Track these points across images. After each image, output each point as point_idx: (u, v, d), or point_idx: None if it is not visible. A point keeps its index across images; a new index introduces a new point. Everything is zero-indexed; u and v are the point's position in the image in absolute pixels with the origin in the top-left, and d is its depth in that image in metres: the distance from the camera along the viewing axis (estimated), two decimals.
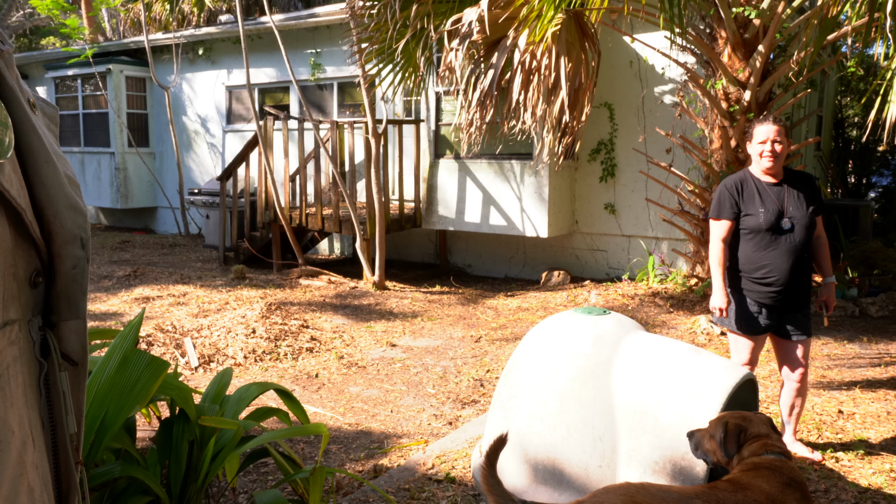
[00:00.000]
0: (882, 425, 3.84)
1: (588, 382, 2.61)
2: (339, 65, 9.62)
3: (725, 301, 3.35)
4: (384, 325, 6.30)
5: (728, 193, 3.33)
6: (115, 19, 17.00)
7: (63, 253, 0.58)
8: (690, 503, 1.87)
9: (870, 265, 7.29)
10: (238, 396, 2.76)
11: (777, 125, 3.27)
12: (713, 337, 5.63)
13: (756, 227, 3.26)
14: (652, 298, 6.84)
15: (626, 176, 7.94)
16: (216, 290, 7.49)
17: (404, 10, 6.18)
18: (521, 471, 2.69)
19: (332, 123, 8.23)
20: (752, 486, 1.98)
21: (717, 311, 3.37)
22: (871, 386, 4.47)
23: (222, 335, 5.45)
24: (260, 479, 3.33)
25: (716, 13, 6.20)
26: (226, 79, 11.17)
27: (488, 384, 4.70)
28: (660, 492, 1.92)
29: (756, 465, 2.09)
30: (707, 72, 6.57)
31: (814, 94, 9.22)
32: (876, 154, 12.36)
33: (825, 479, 3.18)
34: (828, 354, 5.22)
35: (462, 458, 3.45)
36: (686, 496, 1.90)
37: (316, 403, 4.35)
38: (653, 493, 1.89)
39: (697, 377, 2.54)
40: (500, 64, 5.72)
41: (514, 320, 6.46)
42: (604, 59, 7.38)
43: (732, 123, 6.13)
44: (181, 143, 11.75)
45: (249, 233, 8.94)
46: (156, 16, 15.29)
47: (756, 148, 3.31)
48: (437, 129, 8.09)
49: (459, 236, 8.96)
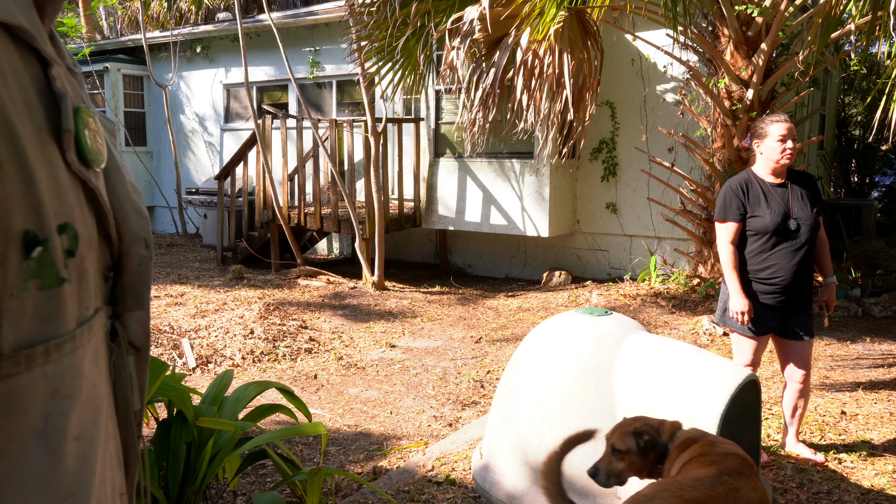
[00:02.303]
0: (885, 426, 3.80)
1: (589, 383, 2.58)
2: (338, 63, 9.58)
3: (747, 305, 3.19)
4: (383, 326, 6.26)
5: (733, 195, 3.28)
6: (112, 17, 16.97)
7: (131, 252, 0.67)
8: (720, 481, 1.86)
9: (873, 265, 7.26)
10: (236, 397, 2.73)
11: (790, 122, 3.23)
12: (715, 338, 5.60)
13: (762, 229, 3.22)
14: (654, 299, 6.81)
15: (627, 175, 7.91)
16: (214, 290, 7.45)
17: (404, 8, 6.15)
18: (521, 473, 2.66)
19: (330, 122, 8.20)
20: (723, 449, 2.01)
21: (738, 315, 3.21)
22: (874, 387, 4.44)
23: (220, 336, 5.42)
24: (258, 480, 3.30)
25: (718, 11, 6.17)
26: (224, 77, 11.14)
27: (489, 385, 4.67)
28: (691, 482, 1.88)
29: (694, 436, 2.08)
30: (709, 70, 6.54)
31: (816, 92, 9.19)
32: (879, 153, 12.34)
33: (828, 481, 3.15)
34: (831, 355, 5.19)
35: (462, 459, 3.42)
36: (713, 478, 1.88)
37: (315, 405, 4.32)
38: (687, 485, 1.86)
39: (699, 378, 2.51)
40: (502, 62, 5.68)
41: (515, 321, 6.42)
42: (606, 58, 7.34)
43: (735, 122, 6.10)
44: (179, 142, 11.71)
45: (247, 232, 8.91)
46: (153, 14, 15.26)
47: (774, 146, 3.20)
48: (436, 128, 8.06)
49: (459, 236, 8.93)
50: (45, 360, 0.51)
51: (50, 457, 0.52)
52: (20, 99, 0.50)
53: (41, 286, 0.50)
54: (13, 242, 0.48)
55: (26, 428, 0.50)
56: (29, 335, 0.50)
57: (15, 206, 0.48)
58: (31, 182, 0.50)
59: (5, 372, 0.48)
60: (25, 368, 0.49)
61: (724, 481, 1.88)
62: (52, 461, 0.52)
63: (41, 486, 0.51)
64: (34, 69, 0.53)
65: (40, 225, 0.50)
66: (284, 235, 8.48)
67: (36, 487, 0.51)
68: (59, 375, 0.53)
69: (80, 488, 0.55)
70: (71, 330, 0.54)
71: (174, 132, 11.58)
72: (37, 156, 0.50)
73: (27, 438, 0.50)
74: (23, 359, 0.49)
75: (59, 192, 0.53)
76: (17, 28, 0.51)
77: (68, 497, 0.54)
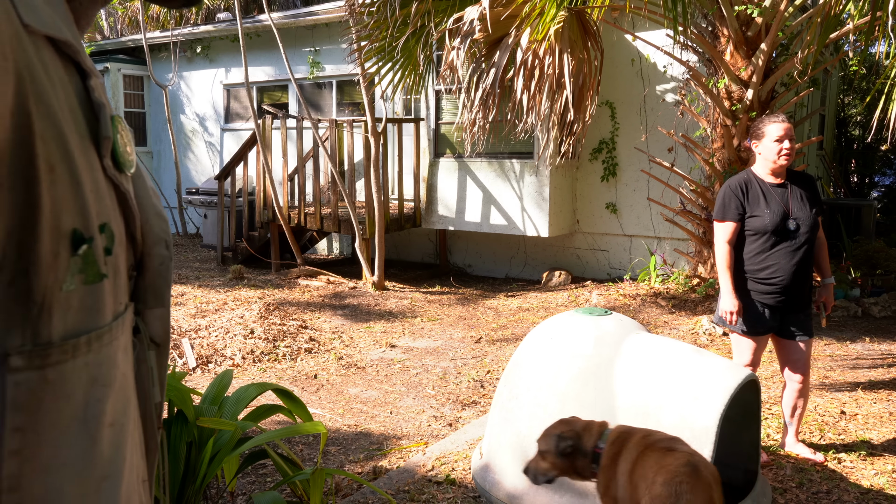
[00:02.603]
0: (884, 426, 3.81)
1: (589, 383, 2.59)
2: (338, 63, 9.58)
3: (737, 305, 3.22)
4: (383, 326, 6.27)
5: (733, 194, 3.29)
6: (112, 17, 16.97)
7: (152, 252, 0.72)
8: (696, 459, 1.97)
9: (872, 265, 7.26)
10: (237, 397, 2.74)
11: (788, 122, 3.24)
12: (715, 338, 5.60)
13: (762, 229, 3.22)
14: (654, 299, 6.81)
15: (627, 175, 7.91)
16: (214, 290, 7.46)
17: (404, 8, 6.15)
18: (521, 472, 2.66)
19: (330, 122, 8.20)
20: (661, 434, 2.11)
21: (728, 315, 3.24)
22: (874, 386, 4.45)
23: (220, 336, 5.42)
24: (259, 480, 3.30)
25: (718, 11, 6.17)
26: (224, 77, 11.14)
27: (488, 385, 4.67)
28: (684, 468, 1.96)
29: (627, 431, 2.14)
30: (709, 70, 6.54)
31: (816, 92, 9.19)
32: (879, 153, 12.34)
33: (827, 481, 3.15)
34: (830, 355, 5.19)
35: (462, 459, 3.42)
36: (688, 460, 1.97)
37: (315, 404, 4.32)
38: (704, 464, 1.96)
39: (699, 378, 2.51)
40: (502, 62, 5.69)
41: (515, 321, 6.43)
42: (606, 58, 7.34)
43: (735, 122, 6.10)
44: (179, 142, 11.71)
45: (248, 232, 8.91)
46: (153, 14, 15.25)
47: (771, 146, 3.21)
48: (436, 128, 8.06)
49: (459, 236, 8.93)
50: (88, 350, 0.55)
51: (88, 441, 0.56)
52: (67, 108, 0.54)
53: (85, 281, 0.55)
54: (63, 240, 0.52)
55: (70, 413, 0.54)
56: (75, 326, 0.54)
57: (65, 206, 0.52)
58: (78, 185, 0.54)
59: (55, 359, 0.52)
60: (72, 357, 0.54)
61: (697, 458, 1.97)
62: (90, 446, 0.56)
63: (81, 468, 0.55)
64: (75, 80, 0.57)
65: (85, 224, 0.54)
66: (284, 235, 8.49)
67: (76, 470, 0.55)
68: (98, 365, 0.57)
69: (113, 472, 0.59)
70: (108, 322, 0.58)
71: (174, 132, 11.58)
72: (81, 160, 0.55)
73: (70, 423, 0.54)
74: (70, 347, 0.53)
75: (98, 195, 0.57)
76: (63, 43, 0.55)
77: (103, 480, 0.58)
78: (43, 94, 0.51)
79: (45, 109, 0.51)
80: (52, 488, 0.53)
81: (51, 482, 0.53)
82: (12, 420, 0.50)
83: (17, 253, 0.50)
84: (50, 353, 0.52)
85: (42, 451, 0.52)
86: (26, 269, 0.50)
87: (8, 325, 0.50)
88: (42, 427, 0.52)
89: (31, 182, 0.50)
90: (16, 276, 0.50)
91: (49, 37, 0.53)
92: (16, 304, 0.50)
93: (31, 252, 0.50)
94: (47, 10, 0.54)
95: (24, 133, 0.49)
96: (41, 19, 0.53)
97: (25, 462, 0.51)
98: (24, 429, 0.51)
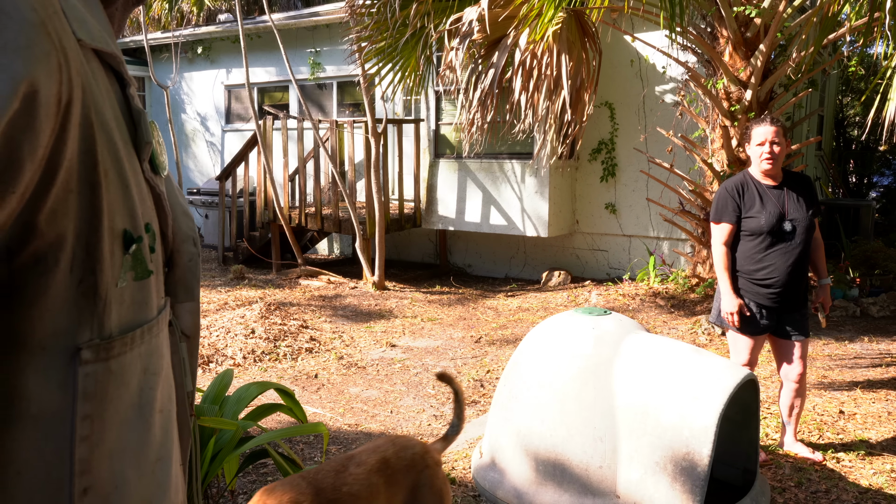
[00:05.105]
0: (883, 425, 3.82)
1: (589, 383, 2.60)
2: (338, 64, 9.60)
3: (738, 304, 3.25)
4: (384, 326, 6.28)
5: (729, 196, 3.31)
6: None
7: (181, 249, 0.76)
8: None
9: (871, 265, 7.28)
10: (237, 397, 2.75)
11: (775, 126, 3.24)
12: (714, 337, 5.62)
13: (757, 230, 3.24)
14: (653, 299, 6.83)
15: (626, 175, 7.93)
16: (215, 290, 7.47)
17: (404, 9, 6.17)
18: (523, 472, 2.68)
19: (331, 123, 8.22)
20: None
21: (729, 315, 3.27)
22: (872, 386, 4.46)
23: (221, 335, 5.44)
24: (259, 479, 3.31)
25: (717, 12, 6.19)
26: (225, 78, 11.15)
27: (488, 385, 4.69)
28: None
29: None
30: (708, 71, 6.55)
31: (814, 93, 9.21)
32: (877, 153, 12.36)
33: (826, 480, 3.17)
34: (829, 355, 5.21)
35: (462, 458, 3.44)
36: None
37: (315, 404, 4.34)
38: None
39: (698, 378, 2.53)
40: (500, 63, 5.70)
41: (515, 321, 6.44)
42: (604, 58, 7.36)
43: (733, 123, 6.12)
44: (180, 142, 11.72)
45: (248, 233, 8.93)
46: (155, 15, 15.26)
47: (755, 150, 3.28)
48: (436, 129, 8.08)
49: (459, 236, 8.95)
50: (141, 342, 0.59)
51: (144, 426, 0.60)
52: (113, 116, 0.58)
53: (136, 277, 0.59)
54: (117, 240, 0.56)
55: (128, 401, 0.58)
56: (129, 319, 0.58)
57: (117, 208, 0.56)
58: (127, 188, 0.57)
59: (117, 351, 0.56)
60: (129, 348, 0.58)
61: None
62: (145, 431, 0.60)
63: (138, 452, 0.59)
64: (116, 89, 0.61)
65: (134, 225, 0.58)
66: (285, 236, 8.50)
67: (135, 453, 0.59)
68: (149, 355, 0.61)
69: (164, 454, 0.63)
70: (155, 315, 0.62)
71: (175, 133, 11.57)
72: (128, 165, 0.58)
73: (129, 410, 0.58)
74: (129, 340, 0.57)
75: (142, 197, 0.61)
76: (109, 55, 0.59)
77: (157, 462, 0.62)
78: (98, 105, 0.55)
79: (100, 119, 0.54)
80: (116, 471, 0.57)
81: (115, 465, 0.57)
82: (82, 408, 0.54)
83: (85, 252, 0.53)
84: (113, 345, 0.56)
85: (107, 437, 0.56)
86: (93, 267, 0.54)
87: (79, 320, 0.54)
88: (107, 414, 0.56)
89: (94, 187, 0.53)
90: (84, 274, 0.54)
91: (96, 49, 0.56)
92: (85, 301, 0.54)
93: (96, 251, 0.54)
94: (94, 23, 0.57)
95: (90, 143, 0.53)
96: (91, 33, 0.56)
97: (94, 447, 0.55)
98: (92, 416, 0.55)
